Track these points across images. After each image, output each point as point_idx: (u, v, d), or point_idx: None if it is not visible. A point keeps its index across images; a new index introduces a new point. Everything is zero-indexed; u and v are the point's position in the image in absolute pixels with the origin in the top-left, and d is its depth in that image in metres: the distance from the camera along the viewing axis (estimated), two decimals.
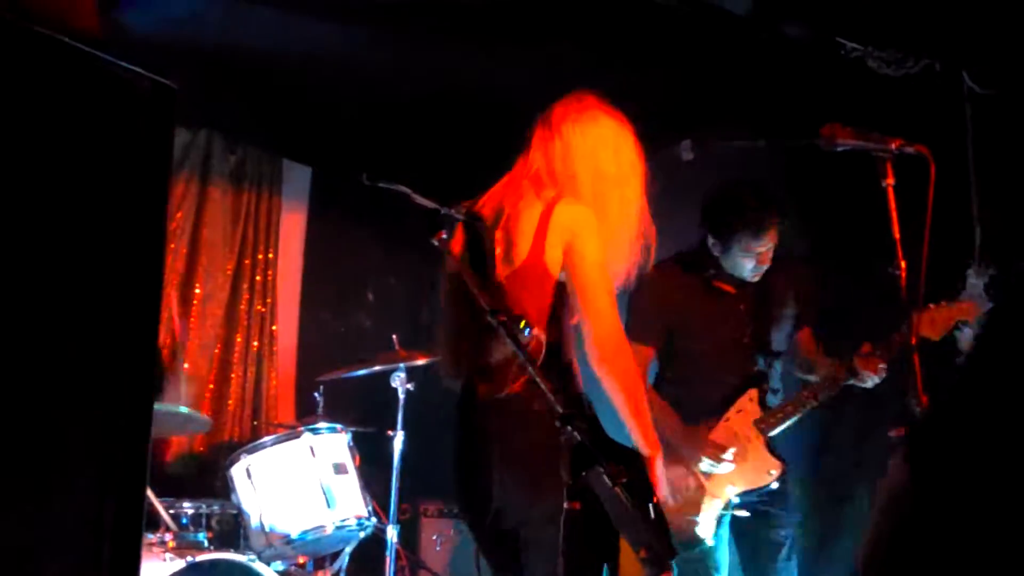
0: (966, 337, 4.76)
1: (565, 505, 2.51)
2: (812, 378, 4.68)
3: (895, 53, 4.84)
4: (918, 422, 2.90)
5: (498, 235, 3.32)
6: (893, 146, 3.20)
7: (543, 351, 3.16)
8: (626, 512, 2.52)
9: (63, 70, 3.04)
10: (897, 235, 3.11)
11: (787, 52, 4.94)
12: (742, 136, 5.44)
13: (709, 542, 4.46)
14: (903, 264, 3.11)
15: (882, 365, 4.48)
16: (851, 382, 4.52)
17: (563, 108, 3.52)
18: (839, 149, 3.31)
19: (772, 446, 4.55)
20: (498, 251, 3.30)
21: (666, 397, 4.45)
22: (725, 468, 4.43)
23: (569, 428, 2.55)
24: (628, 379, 3.20)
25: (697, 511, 4.41)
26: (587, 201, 3.33)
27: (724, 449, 4.44)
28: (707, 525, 4.43)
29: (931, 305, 4.48)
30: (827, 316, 5.18)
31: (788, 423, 4.56)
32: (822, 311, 4.96)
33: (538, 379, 2.72)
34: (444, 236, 2.98)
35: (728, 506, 4.49)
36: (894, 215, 3.13)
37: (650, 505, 3.15)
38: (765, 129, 5.35)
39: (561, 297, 3.26)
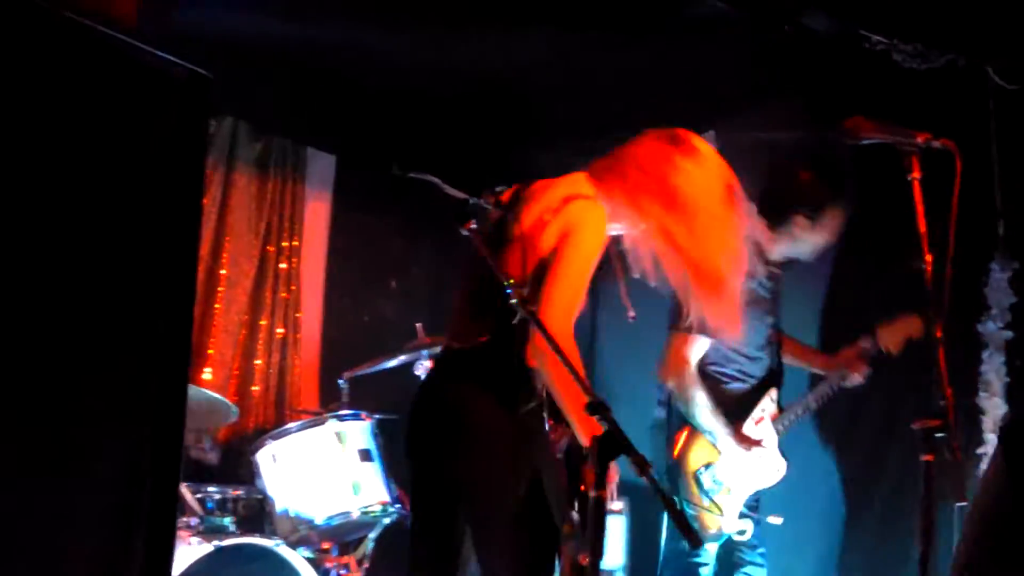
0: (988, 331, 4.79)
1: (592, 493, 2.54)
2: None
3: (920, 47, 4.84)
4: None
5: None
6: (919, 140, 3.20)
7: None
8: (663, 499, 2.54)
9: (102, 58, 3.08)
10: (923, 229, 3.11)
11: (811, 45, 4.95)
12: (766, 128, 5.46)
13: (732, 535, 4.50)
14: (928, 258, 3.11)
15: (866, 370, 4.59)
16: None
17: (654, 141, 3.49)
18: (864, 142, 3.31)
19: (780, 445, 4.60)
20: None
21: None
22: (754, 464, 4.45)
23: (597, 416, 2.58)
24: (562, 379, 3.10)
25: (722, 506, 4.44)
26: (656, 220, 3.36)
27: (758, 444, 4.46)
28: (731, 520, 4.45)
29: (884, 322, 4.57)
30: (845, 310, 5.21)
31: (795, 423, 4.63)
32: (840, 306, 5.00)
33: (565, 361, 2.75)
34: (473, 226, 3.01)
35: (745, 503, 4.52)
36: (920, 209, 3.12)
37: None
38: (789, 121, 5.37)
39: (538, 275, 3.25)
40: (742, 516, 4.48)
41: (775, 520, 4.53)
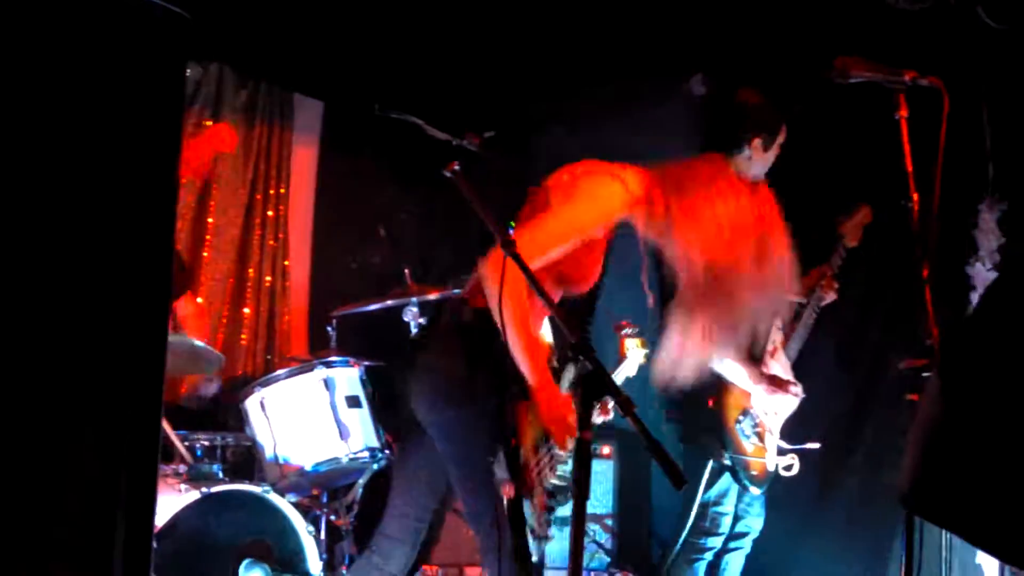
0: (976, 272, 4.78)
1: (577, 434, 2.53)
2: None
3: None
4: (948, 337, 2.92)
5: None
6: (907, 78, 3.17)
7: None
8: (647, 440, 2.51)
9: None
10: (910, 167, 3.09)
11: None
12: (755, 69, 5.42)
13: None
14: (915, 197, 3.09)
15: (836, 285, 4.64)
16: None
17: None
18: (852, 81, 3.28)
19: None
20: None
21: None
22: (779, 397, 4.46)
23: (580, 358, 2.56)
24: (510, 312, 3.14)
25: (765, 448, 4.46)
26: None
27: (790, 384, 4.48)
28: (774, 458, 4.48)
29: (844, 217, 4.67)
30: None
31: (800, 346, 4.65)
32: None
33: (547, 304, 2.73)
34: (456, 167, 2.98)
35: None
36: (907, 147, 3.11)
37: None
38: (778, 62, 5.33)
39: None
40: (781, 452, 4.52)
41: (814, 446, 4.55)
